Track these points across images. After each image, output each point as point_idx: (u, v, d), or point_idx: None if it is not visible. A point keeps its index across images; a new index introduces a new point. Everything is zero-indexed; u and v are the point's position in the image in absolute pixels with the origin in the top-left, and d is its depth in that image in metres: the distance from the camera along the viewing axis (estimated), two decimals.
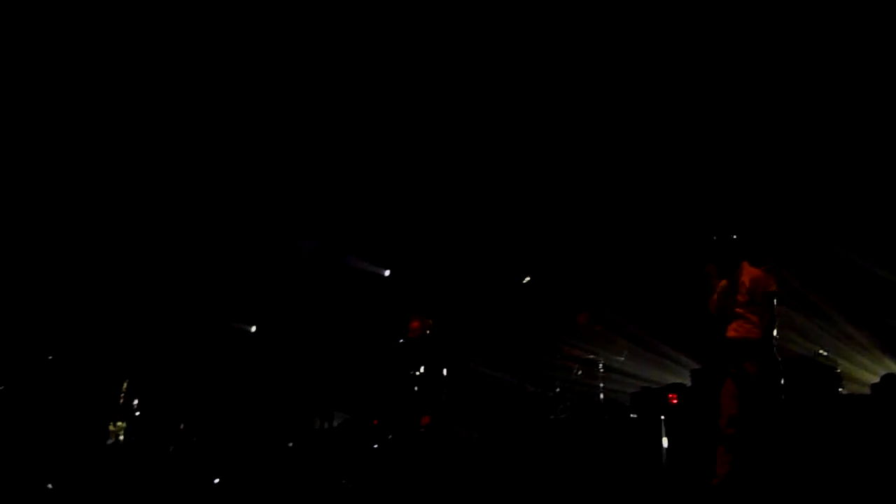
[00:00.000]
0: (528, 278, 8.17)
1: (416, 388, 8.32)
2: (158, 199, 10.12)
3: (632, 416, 7.82)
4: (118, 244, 10.32)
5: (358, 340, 10.59)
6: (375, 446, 8.23)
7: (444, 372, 8.45)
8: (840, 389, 6.97)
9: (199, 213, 10.36)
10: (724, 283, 5.60)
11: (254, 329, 11.73)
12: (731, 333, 5.49)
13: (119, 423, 9.64)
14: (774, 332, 5.53)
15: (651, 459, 7.01)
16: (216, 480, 8.48)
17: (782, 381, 5.45)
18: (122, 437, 9.61)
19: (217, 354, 11.16)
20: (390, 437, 8.30)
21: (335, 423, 9.31)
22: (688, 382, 8.01)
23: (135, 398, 9.91)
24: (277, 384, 10.74)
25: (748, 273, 5.59)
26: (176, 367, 10.74)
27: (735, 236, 5.65)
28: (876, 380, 7.09)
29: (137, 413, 9.81)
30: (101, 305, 10.34)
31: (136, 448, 9.42)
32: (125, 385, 9.98)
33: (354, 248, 11.28)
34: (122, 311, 10.60)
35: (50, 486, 7.31)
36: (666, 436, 7.09)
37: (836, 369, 7.17)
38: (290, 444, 8.78)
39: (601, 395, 8.68)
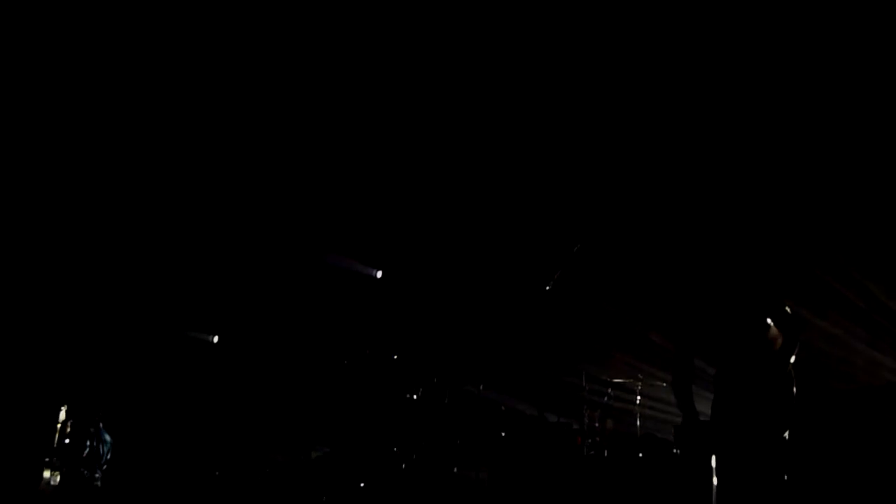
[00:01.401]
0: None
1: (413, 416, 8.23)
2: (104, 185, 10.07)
3: (675, 452, 7.70)
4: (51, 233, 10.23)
5: (342, 355, 10.47)
6: (362, 485, 8.11)
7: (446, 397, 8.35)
8: None
9: (149, 200, 10.27)
10: None
11: (216, 339, 11.63)
12: None
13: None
14: None
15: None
16: None
17: None
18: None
19: (167, 370, 11.05)
20: (379, 475, 8.20)
21: (313, 456, 9.17)
22: None
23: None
24: (242, 408, 10.62)
25: None
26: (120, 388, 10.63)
27: None
28: None
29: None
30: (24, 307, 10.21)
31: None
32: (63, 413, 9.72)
33: (339, 245, 11.17)
34: (53, 316, 10.48)
35: None
36: (717, 478, 6.95)
37: None
38: (258, 482, 8.64)
39: (638, 427, 8.55)
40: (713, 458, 7.07)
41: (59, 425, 9.67)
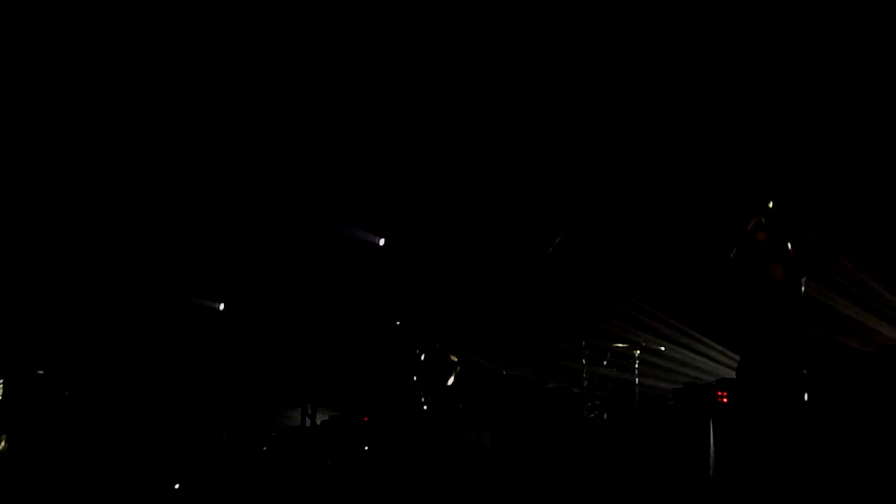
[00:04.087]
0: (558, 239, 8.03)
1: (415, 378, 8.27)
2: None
3: (674, 416, 7.74)
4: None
5: (347, 321, 10.50)
6: (367, 448, 8.18)
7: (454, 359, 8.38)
8: None
9: (154, 168, 10.22)
10: None
11: (222, 307, 11.63)
12: None
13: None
14: None
15: (696, 470, 6.92)
16: (176, 486, 8.46)
17: None
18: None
19: (175, 336, 11.06)
20: (385, 437, 8.25)
21: (319, 421, 9.23)
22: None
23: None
24: (250, 373, 10.66)
25: None
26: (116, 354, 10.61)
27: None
28: None
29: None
30: None
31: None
32: None
33: (343, 213, 11.12)
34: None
35: None
36: (714, 442, 6.99)
37: None
38: (265, 448, 8.71)
39: (637, 392, 8.58)
40: (710, 421, 7.13)
41: None
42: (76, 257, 10.55)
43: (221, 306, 11.54)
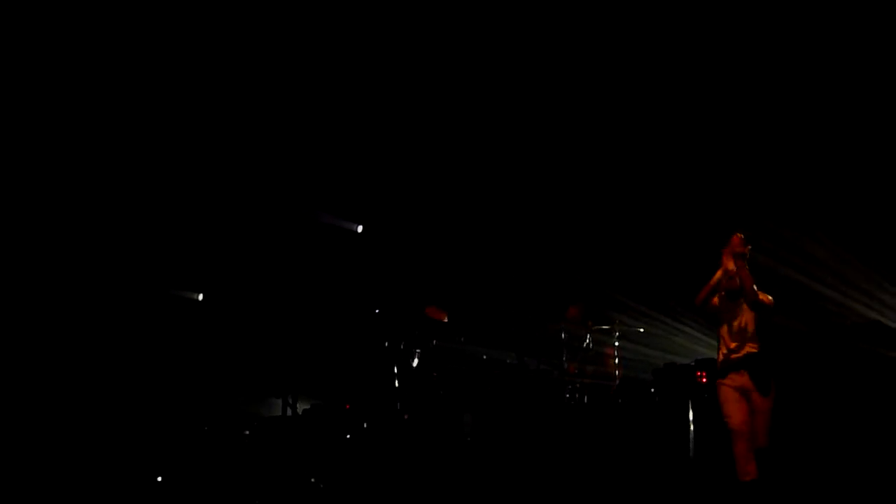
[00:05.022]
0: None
1: (395, 368, 8.22)
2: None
3: (654, 397, 7.75)
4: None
5: (327, 309, 10.43)
6: (349, 436, 8.15)
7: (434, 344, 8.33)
8: None
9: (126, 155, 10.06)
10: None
11: (201, 297, 11.51)
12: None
13: None
14: None
15: (675, 450, 6.95)
16: (158, 479, 8.40)
17: None
18: None
19: (154, 328, 10.94)
20: (366, 425, 8.22)
21: (301, 409, 9.18)
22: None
23: None
24: (231, 364, 10.58)
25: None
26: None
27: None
28: None
29: None
30: None
31: None
32: None
33: (320, 200, 11.02)
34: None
35: None
36: (694, 422, 7.02)
37: None
38: (246, 432, 8.66)
39: (617, 372, 8.59)
40: (689, 401, 7.16)
41: None
42: (52, 249, 10.39)
43: (200, 297, 11.43)
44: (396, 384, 8.18)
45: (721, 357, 6.10)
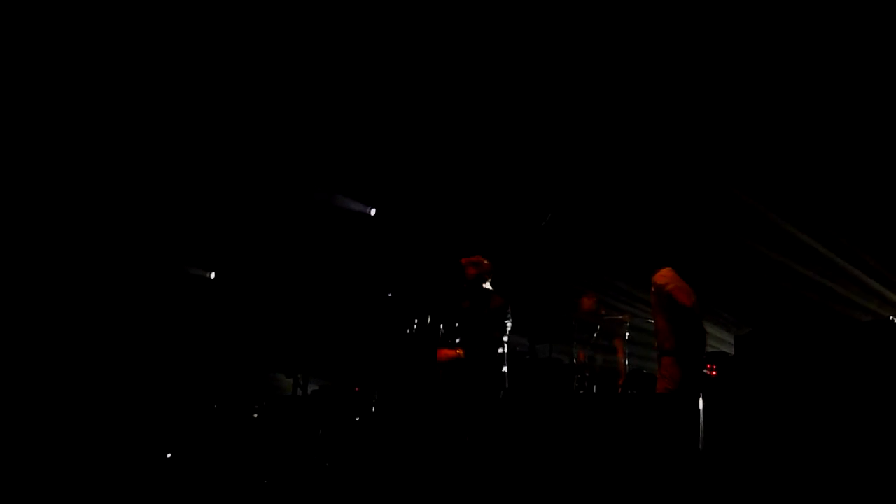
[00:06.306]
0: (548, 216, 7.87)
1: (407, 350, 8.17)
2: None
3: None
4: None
5: (338, 292, 10.42)
6: (358, 419, 8.14)
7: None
8: None
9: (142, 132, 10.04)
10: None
11: (213, 276, 11.53)
12: None
13: None
14: None
15: (685, 445, 6.90)
16: (168, 455, 8.42)
17: None
18: None
19: (166, 305, 10.95)
20: (374, 407, 8.20)
21: (310, 390, 9.18)
22: (731, 350, 7.85)
23: None
24: (242, 343, 10.59)
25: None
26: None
27: None
28: None
29: None
30: None
31: None
32: None
33: (335, 182, 10.98)
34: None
35: None
36: (704, 416, 6.96)
37: None
38: (255, 416, 8.67)
39: (626, 363, 8.55)
40: (700, 394, 7.09)
41: None
42: (63, 230, 10.41)
43: (213, 275, 11.44)
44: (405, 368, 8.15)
45: None
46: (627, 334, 8.72)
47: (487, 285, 7.39)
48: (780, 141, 8.92)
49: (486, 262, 7.45)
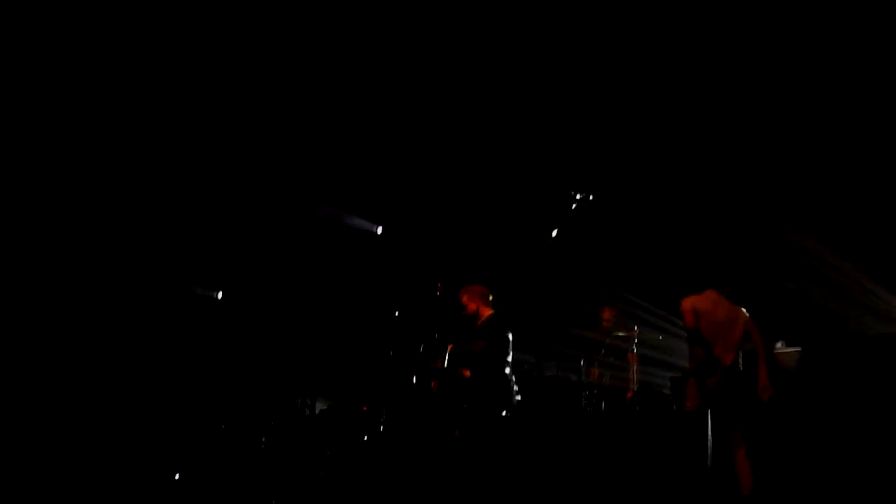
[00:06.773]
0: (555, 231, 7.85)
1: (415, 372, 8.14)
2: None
3: (671, 404, 7.69)
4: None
5: (346, 311, 10.41)
6: (366, 438, 8.11)
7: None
8: None
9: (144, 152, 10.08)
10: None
11: (220, 296, 11.51)
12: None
13: None
14: None
15: (694, 460, 6.86)
16: (176, 476, 8.37)
17: None
18: None
19: (173, 326, 10.94)
20: (382, 427, 8.18)
21: (318, 410, 9.16)
22: (740, 367, 7.79)
23: None
24: (249, 362, 10.57)
25: None
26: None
27: None
28: None
29: None
30: None
31: None
32: None
33: (341, 200, 11.00)
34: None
35: None
36: (713, 432, 6.92)
37: None
38: (263, 434, 8.64)
39: (635, 379, 8.51)
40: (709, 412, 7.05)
41: None
42: (70, 247, 10.41)
43: (220, 295, 11.43)
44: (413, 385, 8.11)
45: None
46: (635, 349, 8.69)
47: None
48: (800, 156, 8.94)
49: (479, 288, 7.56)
